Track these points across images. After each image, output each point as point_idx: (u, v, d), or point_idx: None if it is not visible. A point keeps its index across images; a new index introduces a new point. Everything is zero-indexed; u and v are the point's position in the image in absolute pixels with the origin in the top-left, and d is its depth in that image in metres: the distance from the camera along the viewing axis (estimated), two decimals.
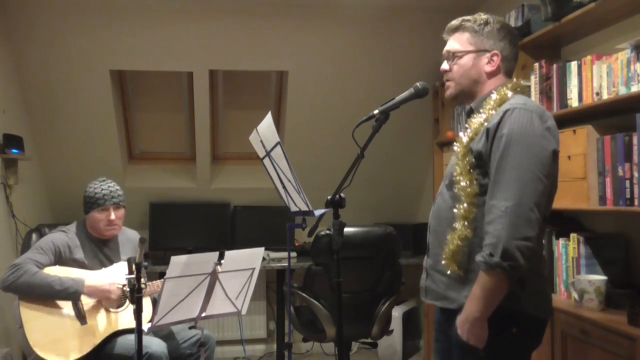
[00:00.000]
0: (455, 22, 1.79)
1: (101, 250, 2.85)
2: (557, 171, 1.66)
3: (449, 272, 1.64)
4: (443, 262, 1.65)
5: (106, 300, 2.66)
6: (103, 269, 2.78)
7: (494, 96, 1.69)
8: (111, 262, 2.84)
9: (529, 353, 1.68)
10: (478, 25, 1.74)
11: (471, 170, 1.63)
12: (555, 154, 1.60)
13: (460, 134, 1.72)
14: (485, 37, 1.74)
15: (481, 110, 1.69)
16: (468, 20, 1.76)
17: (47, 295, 2.55)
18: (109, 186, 2.83)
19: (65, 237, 2.78)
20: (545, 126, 1.59)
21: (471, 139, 1.65)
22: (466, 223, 1.61)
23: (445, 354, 1.79)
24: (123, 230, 2.96)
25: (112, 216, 2.80)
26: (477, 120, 1.67)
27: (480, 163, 1.63)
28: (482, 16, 1.76)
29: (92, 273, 2.72)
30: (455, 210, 1.64)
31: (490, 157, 1.59)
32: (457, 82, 1.77)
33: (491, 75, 1.75)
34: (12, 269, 2.56)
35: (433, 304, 1.75)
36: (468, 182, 1.62)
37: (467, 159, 1.64)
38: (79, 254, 2.76)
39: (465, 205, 1.61)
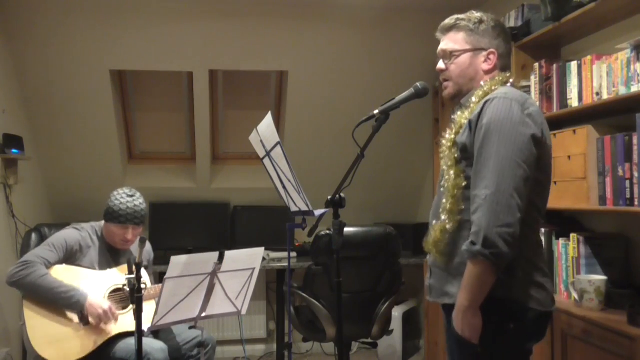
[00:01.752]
0: (449, 21, 1.78)
1: (112, 254, 2.84)
2: (549, 159, 1.67)
3: (432, 257, 1.69)
4: (426, 248, 1.70)
5: (101, 323, 2.60)
6: (108, 269, 2.78)
7: (479, 91, 1.70)
8: (119, 265, 2.83)
9: (529, 347, 1.68)
10: (473, 24, 1.74)
11: (457, 164, 1.65)
12: (535, 139, 1.58)
13: (448, 129, 1.74)
14: (481, 36, 1.74)
15: (467, 105, 1.71)
16: (462, 19, 1.76)
17: (49, 300, 2.54)
18: (135, 205, 2.75)
19: (78, 235, 2.77)
20: (526, 113, 1.59)
21: (456, 133, 1.67)
22: (450, 215, 1.63)
23: (452, 354, 1.79)
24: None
25: (130, 235, 2.77)
26: (461, 114, 1.69)
27: (466, 155, 1.64)
28: (475, 14, 1.76)
29: (99, 277, 2.72)
30: (442, 202, 1.66)
31: (474, 148, 1.61)
32: (455, 81, 1.78)
33: (488, 73, 1.75)
34: (22, 266, 2.55)
35: (436, 301, 1.76)
36: (454, 175, 1.64)
37: (452, 152, 1.66)
38: (90, 255, 2.76)
39: (450, 198, 1.63)
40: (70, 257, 2.70)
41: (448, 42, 1.77)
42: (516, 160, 1.54)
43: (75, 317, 2.58)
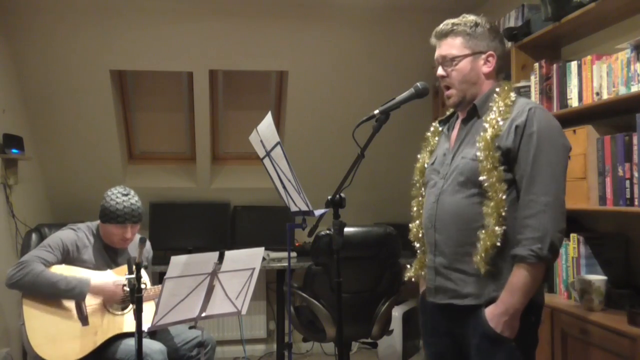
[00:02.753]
0: (445, 27, 1.79)
1: (109, 253, 2.84)
2: None
3: (482, 270, 1.64)
4: (477, 258, 1.65)
5: (110, 300, 2.65)
6: (108, 270, 2.77)
7: (500, 94, 1.72)
8: (117, 264, 2.83)
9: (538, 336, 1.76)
10: (470, 28, 1.75)
11: (497, 167, 1.64)
12: (570, 150, 1.71)
13: (482, 133, 1.70)
14: (478, 39, 1.75)
15: (492, 107, 1.70)
16: (458, 24, 1.76)
17: (51, 295, 2.54)
18: (131, 203, 2.73)
19: (74, 235, 2.76)
20: (559, 125, 1.70)
21: (495, 135, 1.66)
22: (499, 219, 1.63)
23: (448, 355, 1.79)
24: None
25: (129, 234, 2.76)
26: (495, 116, 1.68)
27: (507, 159, 1.65)
28: (469, 18, 1.77)
29: (97, 273, 2.71)
30: (485, 208, 1.64)
31: (519, 153, 1.64)
32: (457, 88, 1.78)
33: (488, 76, 1.77)
34: (19, 266, 2.55)
35: (449, 303, 1.74)
36: (495, 180, 1.63)
37: (494, 156, 1.64)
38: (87, 255, 2.74)
39: (496, 202, 1.63)
40: (68, 257, 2.69)
41: (446, 48, 1.77)
42: (564, 169, 1.65)
43: (75, 318, 2.58)
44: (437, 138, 1.95)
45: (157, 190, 4.25)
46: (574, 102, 2.50)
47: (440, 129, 1.95)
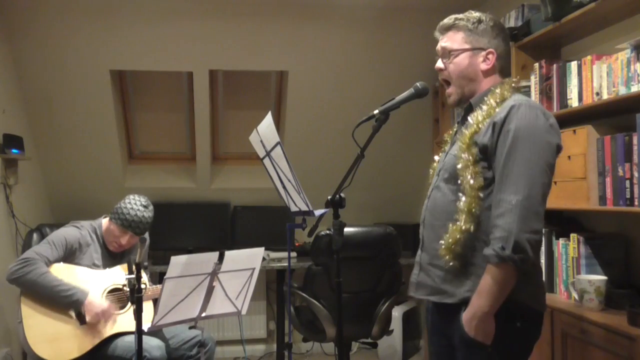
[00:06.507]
0: (448, 21, 1.79)
1: (111, 252, 2.86)
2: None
3: (444, 261, 1.64)
4: (442, 252, 1.64)
5: (99, 322, 2.61)
6: (107, 269, 2.78)
7: (495, 92, 1.70)
8: (118, 264, 2.84)
9: (532, 346, 1.69)
10: (472, 24, 1.74)
11: (475, 164, 1.63)
12: (559, 149, 1.63)
13: (462, 128, 1.72)
14: (479, 36, 1.74)
15: (482, 106, 1.69)
16: (461, 19, 1.76)
17: (49, 298, 2.55)
18: (143, 216, 2.77)
19: (78, 233, 2.78)
20: (549, 122, 1.61)
21: (475, 132, 1.65)
22: (469, 216, 1.61)
23: (444, 354, 1.79)
24: None
25: (124, 241, 2.80)
26: (479, 114, 1.67)
27: (484, 157, 1.63)
28: (474, 14, 1.76)
29: (97, 276, 2.72)
30: (459, 203, 1.63)
31: (496, 151, 1.60)
32: (455, 84, 1.77)
33: (487, 73, 1.75)
34: (23, 263, 2.56)
35: (426, 299, 1.74)
36: (472, 175, 1.62)
37: (471, 152, 1.64)
38: (89, 253, 2.77)
39: (469, 198, 1.61)
40: (70, 255, 2.70)
41: (447, 41, 1.77)
42: (544, 167, 1.56)
43: (72, 316, 2.58)
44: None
45: (157, 190, 4.24)
46: (574, 102, 2.50)
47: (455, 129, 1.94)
